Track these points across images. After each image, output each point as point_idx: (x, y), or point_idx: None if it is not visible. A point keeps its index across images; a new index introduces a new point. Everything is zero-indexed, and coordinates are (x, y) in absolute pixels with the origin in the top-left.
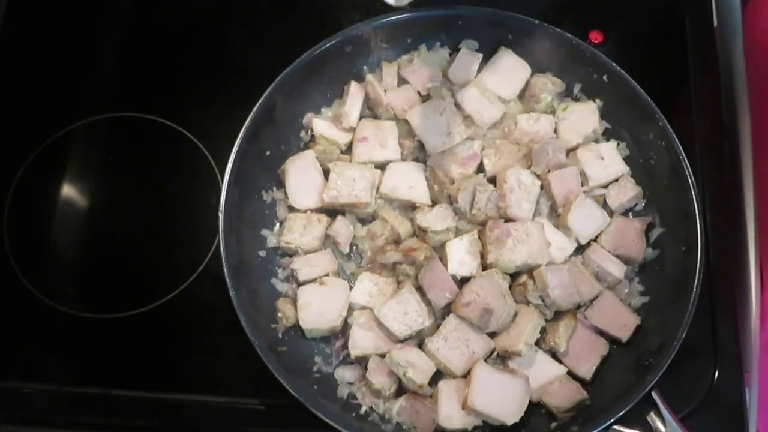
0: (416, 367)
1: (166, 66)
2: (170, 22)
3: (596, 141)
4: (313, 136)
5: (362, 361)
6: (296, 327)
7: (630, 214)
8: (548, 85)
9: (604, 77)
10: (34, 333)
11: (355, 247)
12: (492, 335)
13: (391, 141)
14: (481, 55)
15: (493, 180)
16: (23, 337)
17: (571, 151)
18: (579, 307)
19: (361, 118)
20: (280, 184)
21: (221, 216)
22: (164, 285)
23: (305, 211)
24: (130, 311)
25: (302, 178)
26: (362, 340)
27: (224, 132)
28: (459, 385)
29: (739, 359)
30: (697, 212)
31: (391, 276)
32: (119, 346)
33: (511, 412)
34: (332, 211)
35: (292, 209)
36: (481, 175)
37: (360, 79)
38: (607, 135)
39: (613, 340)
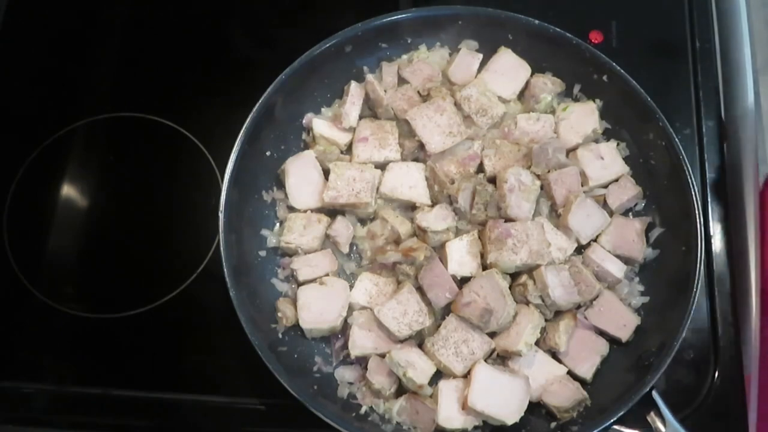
0: (416, 367)
1: (166, 66)
2: (170, 22)
3: (596, 141)
4: (313, 137)
5: (362, 361)
6: (296, 327)
7: (630, 214)
8: (548, 85)
9: (604, 77)
10: (34, 333)
11: (355, 247)
12: (492, 335)
13: (391, 141)
14: (481, 55)
15: (493, 180)
16: (23, 337)
17: (571, 151)
18: (579, 307)
19: (361, 118)
20: (280, 184)
21: (221, 216)
22: (164, 285)
23: (305, 211)
24: (130, 311)
25: (302, 178)
26: (362, 340)
27: (224, 132)
28: (459, 385)
29: (739, 359)
30: (697, 212)
31: (391, 276)
32: (119, 346)
33: (511, 412)
34: (332, 211)
35: (292, 209)
36: (481, 175)
37: (360, 79)
38: (607, 135)
39: (613, 340)
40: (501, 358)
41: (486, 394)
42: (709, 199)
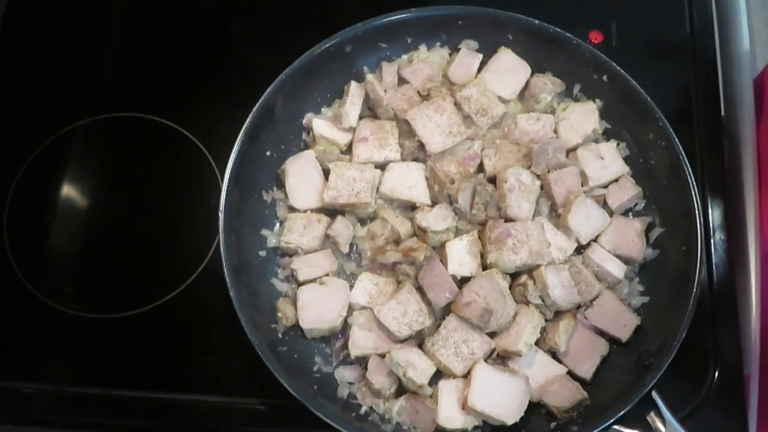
0: (416, 367)
1: (166, 66)
2: (170, 21)
3: (596, 141)
4: (313, 137)
5: (362, 361)
6: (296, 327)
7: (630, 214)
8: (548, 85)
9: (604, 77)
10: (34, 333)
11: (355, 247)
12: (492, 335)
13: (391, 141)
14: (481, 55)
15: (493, 180)
16: (23, 337)
17: (571, 151)
18: (579, 307)
19: (361, 118)
20: (280, 184)
21: (221, 216)
22: (164, 285)
23: (305, 211)
24: (130, 311)
25: (302, 178)
26: (362, 340)
27: (224, 132)
28: (459, 385)
29: (739, 359)
30: (697, 212)
31: (391, 276)
32: (119, 346)
33: (511, 412)
34: (332, 211)
35: (292, 209)
36: (481, 175)
37: (360, 79)
38: (607, 135)
39: (613, 340)
40: (501, 358)
41: (486, 394)
42: (709, 199)
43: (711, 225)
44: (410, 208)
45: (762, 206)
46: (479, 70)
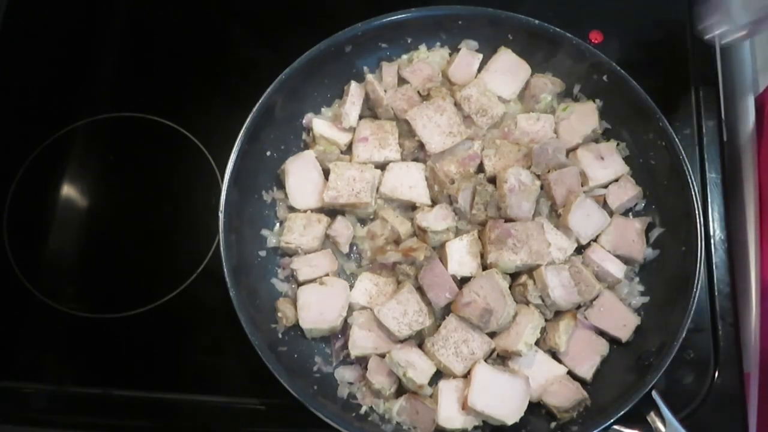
0: (416, 367)
1: (166, 66)
2: (170, 22)
3: (596, 141)
4: (313, 137)
5: (362, 361)
6: (296, 327)
7: (630, 214)
8: (548, 85)
9: (604, 77)
10: (34, 333)
11: (355, 247)
12: (492, 335)
13: (391, 141)
14: (481, 55)
15: (493, 180)
16: (23, 337)
17: (571, 151)
18: (579, 307)
19: (361, 118)
20: (280, 184)
21: (221, 216)
22: (164, 285)
23: (305, 211)
24: (130, 311)
25: (302, 178)
26: (362, 340)
27: (224, 132)
28: (459, 385)
29: (739, 359)
30: (697, 212)
31: (391, 276)
32: (119, 346)
33: (511, 412)
34: (332, 211)
35: (292, 209)
36: (481, 175)
37: (360, 79)
38: (607, 135)
39: (613, 340)
40: (501, 358)
41: (486, 394)
42: (709, 199)
43: (711, 225)
44: (410, 208)
45: (762, 208)
46: (479, 70)
